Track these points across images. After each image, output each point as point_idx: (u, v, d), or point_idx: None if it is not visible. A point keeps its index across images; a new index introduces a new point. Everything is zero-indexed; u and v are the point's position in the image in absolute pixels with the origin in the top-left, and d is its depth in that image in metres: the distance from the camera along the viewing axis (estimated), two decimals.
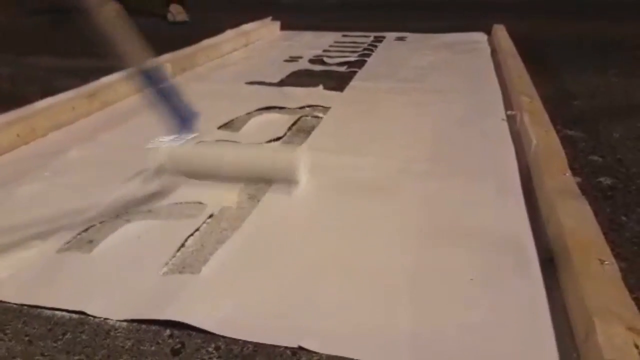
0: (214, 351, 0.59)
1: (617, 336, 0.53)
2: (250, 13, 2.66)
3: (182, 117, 0.94)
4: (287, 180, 0.95)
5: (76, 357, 0.58)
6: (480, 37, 2.34)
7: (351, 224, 0.84)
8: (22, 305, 0.66)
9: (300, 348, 0.59)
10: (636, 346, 0.52)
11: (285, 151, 1.06)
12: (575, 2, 3.45)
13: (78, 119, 1.35)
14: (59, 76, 1.78)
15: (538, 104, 1.26)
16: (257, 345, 0.59)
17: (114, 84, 1.52)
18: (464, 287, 0.68)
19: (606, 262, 0.65)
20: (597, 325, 0.54)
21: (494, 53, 2.01)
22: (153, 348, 0.59)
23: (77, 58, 2.08)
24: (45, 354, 0.59)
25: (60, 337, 0.61)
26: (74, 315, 0.64)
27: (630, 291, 0.61)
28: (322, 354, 0.58)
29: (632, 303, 0.58)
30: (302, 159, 0.96)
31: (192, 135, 0.94)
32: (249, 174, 0.97)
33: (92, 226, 0.84)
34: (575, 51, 2.14)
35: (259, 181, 0.96)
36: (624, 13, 3.05)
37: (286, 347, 0.59)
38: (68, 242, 0.80)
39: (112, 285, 0.70)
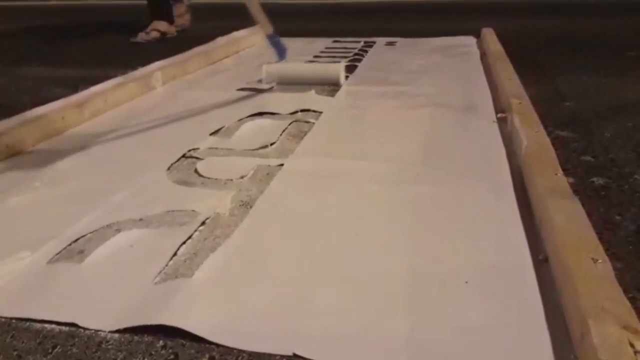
0: None
1: (611, 336, 0.53)
2: (241, 20, 2.66)
3: (281, 55, 1.73)
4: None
5: None
6: (470, 40, 2.35)
7: (344, 228, 0.84)
8: (11, 318, 0.65)
9: (295, 356, 0.58)
10: (631, 345, 0.52)
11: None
12: (564, 3, 3.48)
13: (68, 129, 1.34)
14: (48, 86, 1.77)
15: (528, 106, 1.26)
16: (251, 354, 0.59)
17: (104, 93, 1.51)
18: (460, 290, 0.68)
19: (599, 261, 0.64)
20: (591, 326, 0.54)
21: (483, 56, 2.02)
22: (146, 359, 0.58)
23: (66, 67, 2.07)
24: None
25: (50, 350, 0.60)
26: (64, 328, 0.63)
27: (627, 290, 0.61)
28: None
29: (626, 301, 0.58)
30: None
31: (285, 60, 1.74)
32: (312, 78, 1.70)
33: (82, 236, 0.83)
34: (565, 52, 2.16)
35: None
36: (613, 13, 3.08)
37: (282, 356, 0.58)
38: (58, 253, 0.79)
39: (104, 296, 0.69)
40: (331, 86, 1.68)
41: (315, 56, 2.17)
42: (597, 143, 1.17)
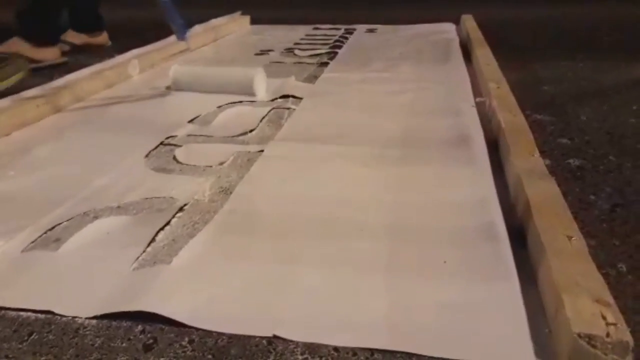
0: (187, 345, 0.58)
1: (585, 309, 0.54)
2: (219, 8, 2.63)
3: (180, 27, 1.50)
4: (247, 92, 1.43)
5: (43, 358, 0.56)
6: (449, 27, 2.36)
7: (324, 212, 0.84)
8: None
9: (276, 337, 0.58)
10: (603, 317, 0.53)
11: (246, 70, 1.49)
12: None
13: (43, 117, 1.31)
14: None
15: (506, 90, 1.27)
16: (231, 337, 0.58)
17: (80, 82, 1.48)
18: (438, 270, 0.68)
19: (573, 238, 0.66)
20: (565, 300, 0.55)
21: (462, 42, 2.03)
22: (124, 344, 0.58)
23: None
24: (10, 356, 0.57)
25: (26, 338, 0.59)
26: (40, 316, 0.62)
27: (600, 267, 0.62)
28: (298, 342, 0.57)
29: (600, 276, 0.59)
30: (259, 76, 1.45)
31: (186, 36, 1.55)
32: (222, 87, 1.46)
33: (59, 224, 0.82)
34: (543, 38, 2.18)
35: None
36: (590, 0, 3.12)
37: (261, 337, 0.58)
38: (33, 242, 0.78)
39: (81, 283, 0.68)
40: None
41: (296, 43, 2.16)
42: (574, 126, 1.19)
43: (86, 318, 0.62)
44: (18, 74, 1.50)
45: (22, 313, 0.63)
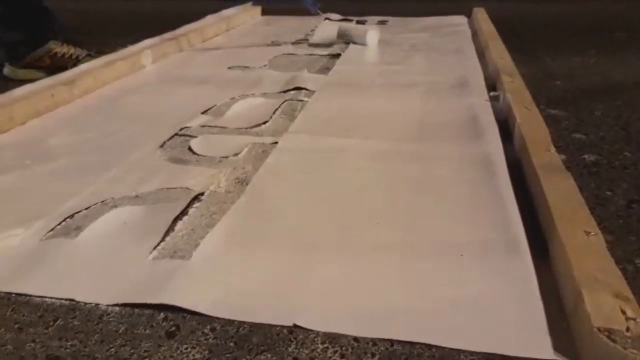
0: (209, 333, 0.59)
1: (605, 304, 0.54)
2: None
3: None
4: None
5: (69, 343, 0.57)
6: (461, 19, 2.34)
7: (340, 203, 0.84)
8: (9, 293, 0.65)
9: (296, 326, 0.59)
10: (623, 312, 0.53)
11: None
12: None
13: (58, 107, 1.32)
14: None
15: (520, 84, 1.27)
16: (253, 326, 0.59)
17: (93, 71, 1.49)
18: (455, 263, 0.69)
19: (592, 234, 0.66)
20: (585, 295, 0.55)
21: (474, 35, 2.02)
22: (147, 331, 0.59)
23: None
24: (37, 340, 0.58)
25: (52, 323, 0.60)
26: (64, 302, 0.63)
27: (618, 262, 0.63)
28: (318, 332, 0.58)
29: (618, 271, 0.60)
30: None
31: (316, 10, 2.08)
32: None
33: (77, 212, 0.83)
34: (554, 33, 2.16)
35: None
36: None
37: (282, 326, 0.59)
38: (52, 230, 0.79)
39: (100, 271, 0.69)
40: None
41: (307, 35, 2.15)
42: (588, 121, 1.19)
43: (108, 305, 0.63)
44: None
45: (46, 299, 0.64)
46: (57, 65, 1.63)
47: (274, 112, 1.26)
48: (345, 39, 1.94)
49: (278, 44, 2.00)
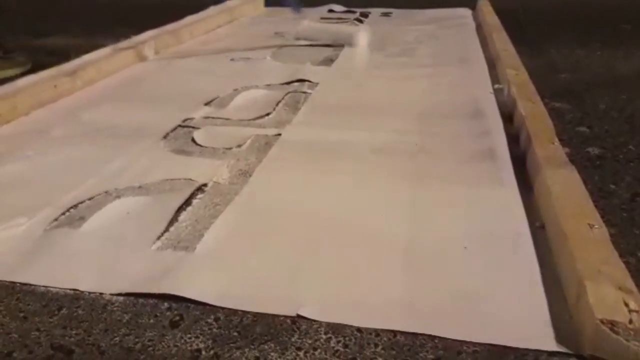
0: (213, 322, 0.59)
1: (608, 296, 0.54)
2: None
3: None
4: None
5: (73, 332, 0.58)
6: (465, 12, 2.33)
7: (343, 195, 0.84)
8: (14, 282, 0.65)
9: (299, 316, 0.59)
10: (626, 304, 0.53)
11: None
12: None
13: (61, 97, 1.31)
14: (39, 55, 1.73)
15: (524, 76, 1.27)
16: (256, 315, 0.59)
17: (96, 62, 1.49)
18: (458, 255, 0.69)
19: (595, 226, 0.66)
20: (588, 287, 0.55)
21: (479, 28, 2.01)
22: (151, 321, 0.59)
23: (57, 36, 2.02)
24: (41, 329, 0.58)
25: (56, 312, 0.61)
26: (69, 291, 0.64)
27: (621, 255, 0.63)
28: (321, 322, 0.58)
29: (622, 264, 0.60)
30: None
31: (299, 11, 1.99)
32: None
33: (80, 203, 0.83)
34: (558, 26, 2.15)
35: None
36: None
37: (286, 316, 0.59)
38: (56, 220, 0.79)
39: (104, 261, 0.70)
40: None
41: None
42: (592, 114, 1.18)
43: (112, 295, 0.63)
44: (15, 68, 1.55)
45: (51, 288, 0.64)
46: None
47: (277, 104, 1.26)
48: (334, 38, 1.85)
49: (281, 35, 1.99)
